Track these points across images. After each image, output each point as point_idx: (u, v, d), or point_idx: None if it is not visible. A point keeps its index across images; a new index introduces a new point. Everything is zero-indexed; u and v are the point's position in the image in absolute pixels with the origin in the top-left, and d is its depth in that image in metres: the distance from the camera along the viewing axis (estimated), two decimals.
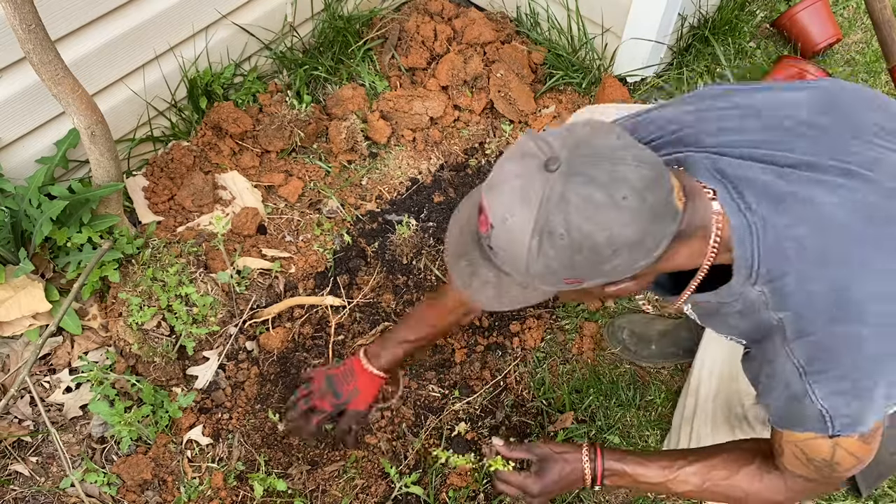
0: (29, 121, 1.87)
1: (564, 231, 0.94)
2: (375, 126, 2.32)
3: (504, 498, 1.77)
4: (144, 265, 1.95)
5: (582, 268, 0.98)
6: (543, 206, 0.94)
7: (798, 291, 1.03)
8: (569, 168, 0.94)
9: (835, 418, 1.07)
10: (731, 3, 2.54)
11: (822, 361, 1.05)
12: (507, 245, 1.00)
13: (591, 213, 0.93)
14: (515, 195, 0.97)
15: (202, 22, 2.12)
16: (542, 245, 0.96)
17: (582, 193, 0.93)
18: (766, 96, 1.16)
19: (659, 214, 0.97)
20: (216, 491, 1.75)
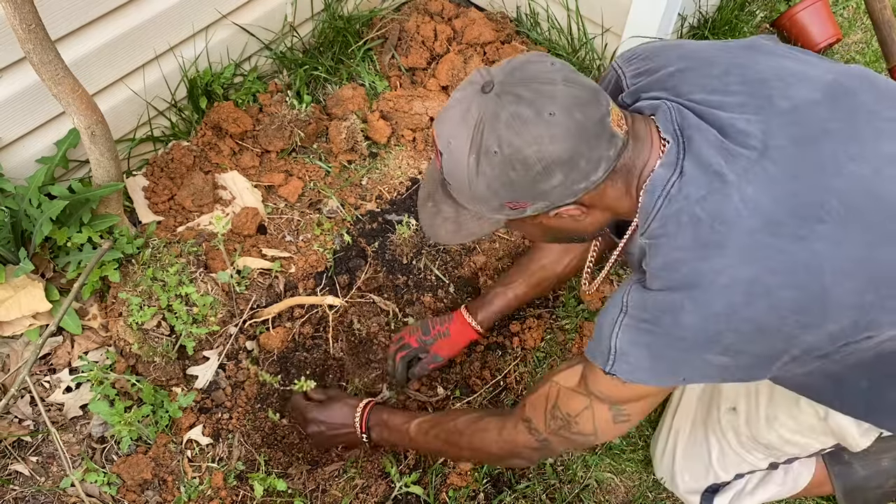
0: (29, 121, 1.87)
1: (497, 148, 1.01)
2: (375, 126, 2.32)
3: (504, 498, 1.77)
4: (144, 265, 1.95)
5: (519, 187, 1.04)
6: (478, 125, 1.01)
7: (666, 255, 1.08)
8: (501, 89, 1.01)
9: (618, 359, 1.13)
10: (731, 3, 2.54)
11: (644, 312, 1.10)
12: (453, 169, 1.07)
13: (520, 128, 1.00)
14: (456, 118, 1.04)
15: (202, 22, 2.12)
16: (480, 163, 1.03)
17: (511, 110, 1.00)
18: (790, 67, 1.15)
19: (590, 133, 1.02)
20: (216, 491, 1.75)
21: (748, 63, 1.15)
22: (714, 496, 1.67)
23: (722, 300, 1.04)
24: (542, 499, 1.78)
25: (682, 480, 1.68)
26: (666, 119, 1.11)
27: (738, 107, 1.09)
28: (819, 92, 1.10)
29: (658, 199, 1.07)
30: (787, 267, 1.03)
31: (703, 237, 1.04)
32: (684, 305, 1.05)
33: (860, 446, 1.39)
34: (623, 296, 1.13)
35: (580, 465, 1.83)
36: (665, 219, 1.07)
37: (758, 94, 1.10)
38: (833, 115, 1.09)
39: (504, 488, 1.80)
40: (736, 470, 1.63)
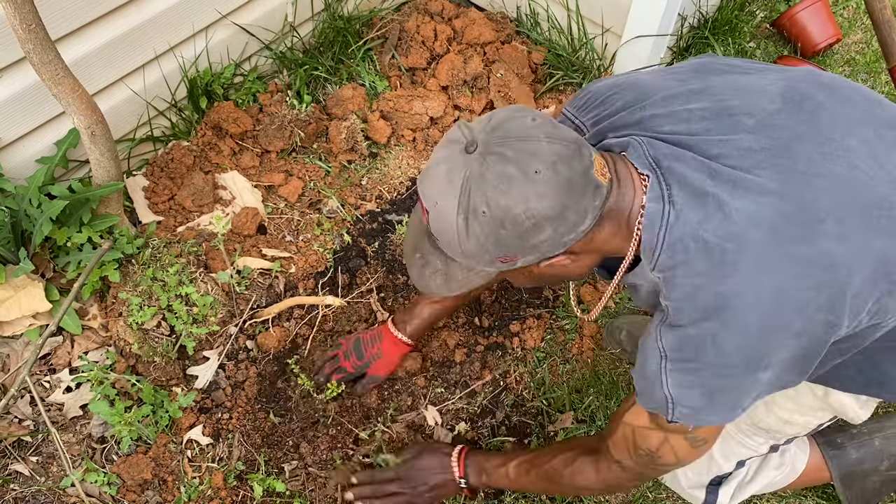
0: (29, 121, 1.87)
1: (486, 208, 1.01)
2: (375, 126, 2.32)
3: (504, 498, 1.77)
4: (144, 265, 1.95)
5: (509, 244, 1.04)
6: (465, 185, 1.02)
7: (684, 285, 1.07)
8: (485, 149, 1.02)
9: (676, 407, 1.13)
10: (731, 3, 2.54)
11: (684, 353, 1.10)
12: (440, 228, 1.07)
13: (507, 188, 1.00)
14: (442, 179, 1.04)
15: (202, 22, 2.12)
16: (469, 223, 1.03)
17: (497, 171, 1.00)
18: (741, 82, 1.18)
19: (576, 187, 1.03)
20: (216, 491, 1.75)
21: (704, 88, 1.17)
22: (718, 488, 1.68)
23: (754, 316, 1.04)
24: (543, 499, 1.78)
25: (684, 476, 1.68)
26: (638, 154, 1.12)
27: (706, 132, 1.11)
28: (778, 101, 1.13)
29: (659, 231, 1.08)
30: (804, 270, 1.04)
31: (715, 259, 1.04)
32: (720, 332, 1.05)
33: (861, 418, 1.44)
34: (656, 341, 1.13)
35: None
36: (671, 249, 1.07)
37: (722, 116, 1.12)
38: (797, 120, 1.11)
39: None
40: (737, 458, 1.63)
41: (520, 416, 1.90)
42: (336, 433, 1.84)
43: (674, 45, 2.45)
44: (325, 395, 1.86)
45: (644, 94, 1.20)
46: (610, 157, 1.14)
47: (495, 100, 2.37)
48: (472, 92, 2.40)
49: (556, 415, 1.90)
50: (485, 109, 2.41)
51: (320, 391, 1.87)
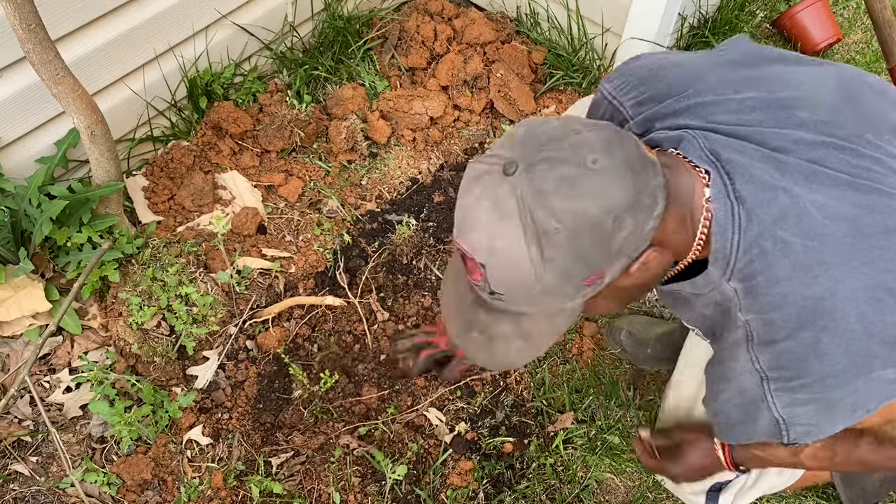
0: (29, 121, 1.87)
1: (557, 222, 0.87)
2: (375, 126, 2.32)
3: (504, 498, 1.77)
4: (144, 265, 1.95)
5: (593, 255, 0.90)
6: (522, 209, 0.87)
7: (770, 294, 0.98)
8: (527, 162, 0.88)
9: (791, 427, 1.04)
10: (731, 3, 2.54)
11: (787, 370, 1.00)
12: (507, 275, 0.91)
13: (572, 190, 0.87)
14: (489, 217, 0.89)
15: (202, 22, 2.12)
16: (544, 250, 0.88)
17: (553, 176, 0.87)
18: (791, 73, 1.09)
19: (636, 166, 0.91)
20: (216, 491, 1.75)
21: (756, 76, 1.08)
22: (718, 494, 1.67)
23: (853, 316, 0.95)
24: (542, 499, 1.78)
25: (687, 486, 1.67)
26: (694, 148, 1.01)
27: (760, 123, 1.02)
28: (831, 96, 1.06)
29: (732, 235, 0.97)
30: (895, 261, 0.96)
31: (800, 260, 0.95)
32: (821, 340, 0.96)
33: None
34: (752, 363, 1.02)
35: (580, 466, 1.83)
36: (748, 254, 0.97)
37: (774, 107, 1.04)
38: (855, 116, 1.04)
39: (504, 488, 1.79)
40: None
41: (520, 416, 1.90)
42: (336, 432, 1.84)
43: (674, 45, 2.45)
44: (321, 387, 1.86)
45: (692, 77, 1.10)
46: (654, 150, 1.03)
47: (495, 100, 2.37)
48: (472, 92, 2.40)
49: (556, 415, 1.90)
50: (484, 109, 2.41)
51: (315, 383, 1.87)
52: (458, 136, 2.38)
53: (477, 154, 2.36)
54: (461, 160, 2.34)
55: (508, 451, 1.85)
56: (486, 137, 2.38)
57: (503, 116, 2.40)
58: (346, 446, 1.82)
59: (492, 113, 2.42)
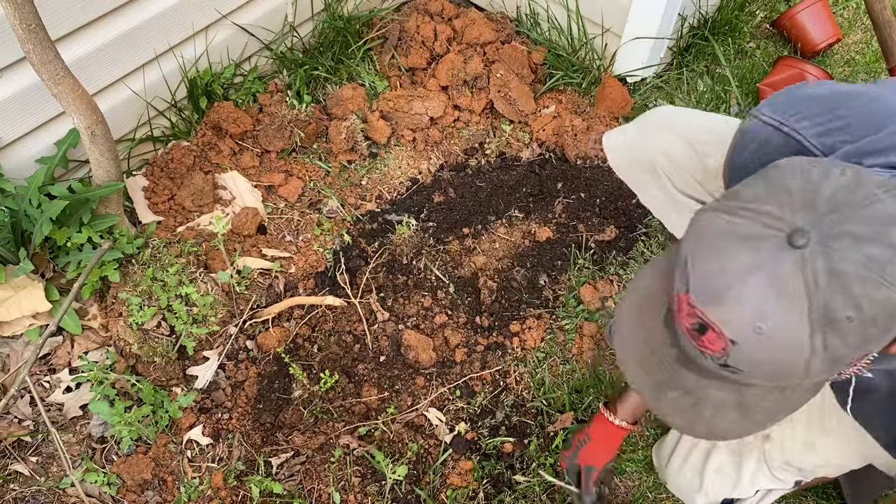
0: (29, 121, 1.87)
1: (853, 312, 0.74)
2: (375, 126, 2.32)
3: (504, 498, 1.77)
4: (144, 265, 1.95)
5: (875, 339, 0.78)
6: (813, 293, 0.74)
7: None
8: (823, 234, 0.74)
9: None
10: (731, 3, 2.54)
11: None
12: (767, 357, 0.78)
13: (880, 275, 0.73)
14: (763, 295, 0.75)
15: (202, 22, 2.12)
16: (828, 338, 0.75)
17: (857, 258, 0.73)
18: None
19: None
20: (216, 491, 1.75)
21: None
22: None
23: None
24: (542, 499, 1.78)
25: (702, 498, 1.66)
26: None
27: None
28: None
29: None
30: None
31: None
32: None
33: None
34: None
35: None
36: None
37: None
38: None
39: (504, 488, 1.80)
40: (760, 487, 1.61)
41: (520, 416, 1.90)
42: (336, 432, 1.84)
43: (674, 45, 2.45)
44: (321, 387, 1.86)
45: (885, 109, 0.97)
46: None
47: (495, 100, 2.37)
48: (472, 92, 2.40)
49: (556, 415, 1.90)
50: (484, 109, 2.41)
51: (315, 383, 1.87)
52: (458, 136, 2.38)
53: (477, 153, 2.36)
54: (461, 160, 2.34)
55: (508, 451, 1.85)
56: (486, 137, 2.38)
57: (503, 116, 2.40)
58: (346, 446, 1.82)
59: (492, 113, 2.42)
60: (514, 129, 2.39)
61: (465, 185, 2.28)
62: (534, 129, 2.38)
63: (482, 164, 2.34)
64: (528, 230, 2.20)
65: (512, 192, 2.27)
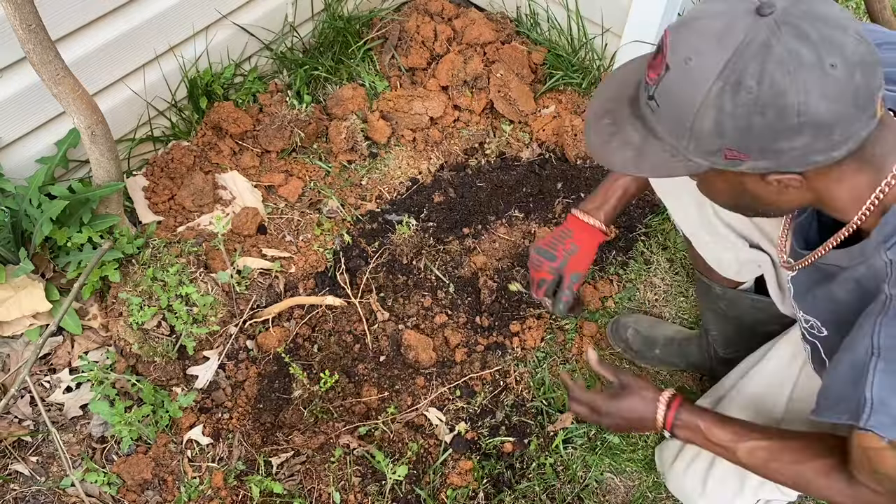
0: (29, 121, 1.87)
1: (755, 83, 0.85)
2: (375, 126, 2.32)
3: (504, 497, 1.77)
4: (144, 265, 1.95)
5: (755, 136, 0.88)
6: (741, 50, 0.85)
7: None
8: (783, 18, 0.85)
9: (874, 413, 0.96)
10: None
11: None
12: (678, 90, 0.90)
13: (793, 69, 0.84)
14: (710, 34, 0.88)
15: (202, 22, 2.12)
16: (724, 94, 0.87)
17: (790, 46, 0.84)
18: None
19: (860, 103, 0.87)
20: (216, 491, 1.75)
21: None
22: None
23: None
24: (542, 499, 1.78)
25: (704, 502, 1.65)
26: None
27: None
28: None
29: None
30: None
31: None
32: None
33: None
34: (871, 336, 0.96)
35: (580, 466, 1.83)
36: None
37: None
38: None
39: (504, 488, 1.80)
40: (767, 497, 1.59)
41: (520, 416, 1.90)
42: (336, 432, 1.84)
43: None
44: (321, 387, 1.86)
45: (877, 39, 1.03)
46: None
47: (495, 100, 2.37)
48: (472, 92, 2.40)
49: (556, 415, 1.90)
50: (484, 109, 2.41)
51: (315, 383, 1.87)
52: (458, 136, 2.38)
53: (477, 153, 2.36)
54: (461, 160, 2.34)
55: (508, 450, 1.85)
56: (486, 137, 2.38)
57: (503, 116, 2.40)
58: (347, 446, 1.82)
59: (492, 113, 2.42)
60: (514, 129, 2.39)
61: (465, 185, 2.28)
62: (534, 129, 2.38)
63: (482, 164, 2.34)
64: (528, 230, 2.20)
65: (512, 192, 2.27)
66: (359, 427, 1.85)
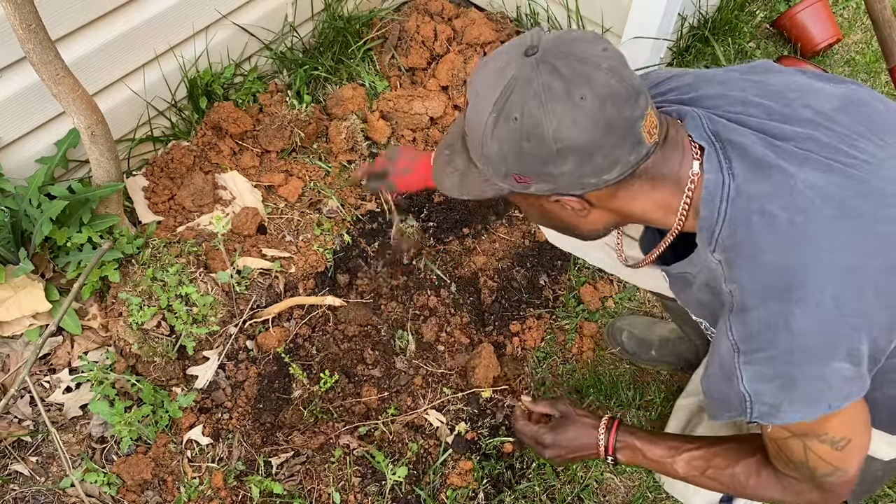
0: (29, 121, 1.87)
1: (518, 114, 0.97)
2: (375, 126, 2.32)
3: (504, 497, 1.77)
4: (144, 265, 1.95)
5: (528, 161, 1.00)
6: (509, 85, 0.97)
7: (749, 264, 1.00)
8: (543, 57, 0.97)
9: (754, 405, 1.04)
10: (731, 3, 2.54)
11: (755, 340, 1.01)
12: (472, 121, 1.04)
13: (545, 101, 0.95)
14: (492, 71, 1.01)
15: (202, 22, 2.12)
16: (497, 125, 0.99)
17: (544, 81, 0.96)
18: (799, 81, 1.14)
19: (615, 131, 0.97)
20: (216, 491, 1.75)
21: (762, 80, 1.13)
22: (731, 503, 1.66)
23: (829, 293, 0.96)
24: (542, 499, 1.78)
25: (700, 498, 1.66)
26: (696, 125, 1.06)
27: (765, 115, 1.06)
28: (836, 101, 1.08)
29: (720, 205, 1.01)
30: (882, 248, 0.97)
31: (784, 233, 0.98)
32: (793, 312, 0.97)
33: (890, 456, 1.37)
34: (727, 334, 1.03)
35: (580, 465, 1.83)
36: (733, 224, 1.00)
37: (778, 103, 1.08)
38: (855, 119, 1.06)
39: (504, 488, 1.80)
40: None
41: None
42: (336, 432, 1.84)
43: (674, 45, 2.45)
44: (321, 387, 1.86)
45: (701, 78, 1.15)
46: (665, 119, 1.07)
47: None
48: None
49: None
50: None
51: (315, 383, 1.87)
52: None
53: None
54: None
55: (508, 451, 1.85)
56: None
57: None
58: (346, 446, 1.82)
59: None
60: None
61: None
62: None
63: None
64: (528, 230, 2.20)
65: None
66: (359, 427, 1.85)
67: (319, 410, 1.87)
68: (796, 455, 1.13)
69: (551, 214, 1.14)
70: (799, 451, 1.12)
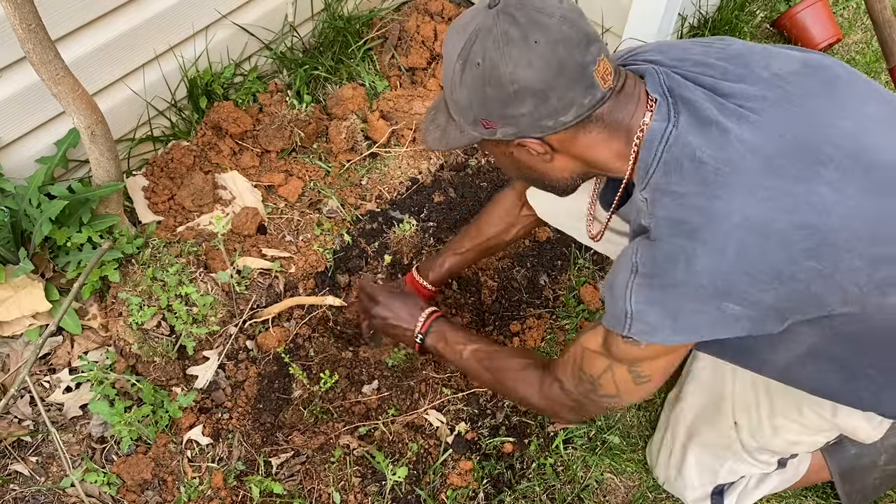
0: (29, 121, 1.87)
1: (480, 60, 1.06)
2: (375, 126, 2.32)
3: (504, 497, 1.77)
4: (144, 265, 1.95)
5: (491, 105, 1.08)
6: (473, 35, 1.06)
7: (669, 202, 1.07)
8: (502, 7, 1.05)
9: (634, 322, 1.10)
10: (731, 3, 2.54)
11: (654, 267, 1.08)
12: (444, 73, 1.13)
13: (502, 45, 1.04)
14: (459, 26, 1.10)
15: (202, 22, 2.12)
16: (464, 71, 1.08)
17: (502, 28, 1.04)
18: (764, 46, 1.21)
19: (567, 73, 1.05)
20: (216, 491, 1.75)
21: (723, 45, 1.19)
22: (722, 497, 1.67)
23: (734, 241, 1.03)
24: (542, 499, 1.78)
25: (691, 492, 1.68)
26: (654, 80, 1.13)
27: (721, 75, 1.12)
28: (797, 64, 1.15)
29: (657, 147, 1.08)
30: (796, 206, 1.03)
31: (708, 179, 1.04)
32: (696, 250, 1.04)
33: (873, 438, 1.40)
34: (631, 256, 1.11)
35: (580, 466, 1.83)
36: (666, 166, 1.07)
37: (737, 65, 1.14)
38: (813, 82, 1.12)
39: (504, 488, 1.80)
40: (745, 473, 1.62)
41: (520, 417, 1.89)
42: (336, 432, 1.84)
43: None
44: (321, 387, 1.86)
45: (667, 44, 1.23)
46: (624, 72, 1.15)
47: None
48: None
49: None
50: None
51: (315, 383, 1.87)
52: None
53: (477, 153, 2.36)
54: (461, 160, 2.34)
55: (508, 451, 1.85)
56: None
57: None
58: (347, 446, 1.82)
59: None
60: None
61: (466, 185, 2.28)
62: None
63: (482, 163, 2.34)
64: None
65: None
66: (359, 427, 1.85)
67: (319, 410, 1.87)
68: (593, 370, 1.24)
69: (520, 162, 1.21)
70: (598, 369, 1.23)
